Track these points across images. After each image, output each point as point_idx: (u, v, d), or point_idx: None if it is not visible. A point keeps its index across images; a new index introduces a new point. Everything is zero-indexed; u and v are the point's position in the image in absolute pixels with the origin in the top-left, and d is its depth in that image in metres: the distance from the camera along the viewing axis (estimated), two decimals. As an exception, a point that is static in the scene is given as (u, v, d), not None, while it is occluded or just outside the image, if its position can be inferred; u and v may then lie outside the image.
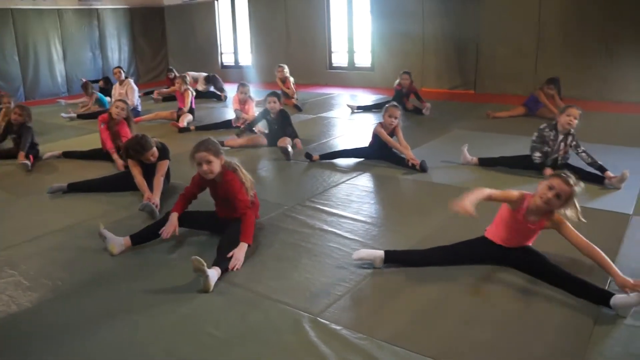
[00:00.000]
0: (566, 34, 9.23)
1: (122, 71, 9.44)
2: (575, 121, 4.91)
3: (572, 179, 3.07)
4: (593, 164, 4.86)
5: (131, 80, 9.26)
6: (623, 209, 4.23)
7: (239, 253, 3.42)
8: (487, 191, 3.16)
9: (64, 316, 2.93)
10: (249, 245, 3.53)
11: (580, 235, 3.07)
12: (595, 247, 2.99)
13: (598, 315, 2.77)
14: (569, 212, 3.11)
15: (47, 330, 2.80)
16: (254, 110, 7.58)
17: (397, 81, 8.61)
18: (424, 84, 10.65)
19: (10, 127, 6.37)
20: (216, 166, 3.63)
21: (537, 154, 5.05)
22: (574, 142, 4.95)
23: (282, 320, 2.81)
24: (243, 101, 7.61)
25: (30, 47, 11.46)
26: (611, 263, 2.94)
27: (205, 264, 3.10)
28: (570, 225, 3.10)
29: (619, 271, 2.88)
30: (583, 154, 4.89)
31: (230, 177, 3.68)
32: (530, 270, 3.18)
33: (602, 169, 4.81)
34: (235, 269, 3.35)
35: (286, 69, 9.76)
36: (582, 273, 3.07)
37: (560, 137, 4.98)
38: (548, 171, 4.84)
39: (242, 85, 7.68)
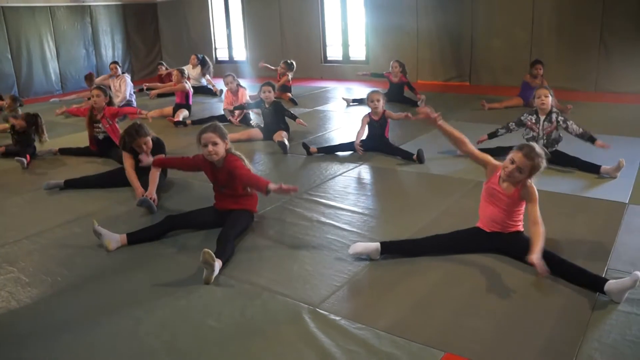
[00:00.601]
0: (560, 25, 9.24)
1: (117, 66, 9.40)
2: (547, 99, 4.99)
3: (535, 153, 3.14)
4: (583, 134, 4.92)
5: (127, 76, 9.24)
6: (619, 198, 4.25)
7: (276, 188, 3.39)
8: (467, 140, 3.42)
9: (64, 312, 2.94)
10: (231, 229, 3.62)
11: (537, 213, 3.11)
12: (539, 226, 3.03)
13: (595, 303, 2.79)
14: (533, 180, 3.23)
15: (48, 326, 2.80)
16: (248, 99, 7.61)
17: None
18: (419, 77, 10.66)
19: (13, 128, 6.30)
20: (221, 149, 3.71)
21: (502, 129, 5.33)
22: (561, 118, 4.99)
23: (282, 312, 2.83)
24: (235, 92, 7.56)
25: (23, 45, 11.39)
26: (538, 242, 2.95)
27: (215, 259, 3.13)
28: (536, 204, 3.16)
29: (536, 249, 2.90)
30: (574, 126, 4.94)
31: (235, 159, 3.75)
32: (525, 257, 3.19)
33: (592, 139, 4.90)
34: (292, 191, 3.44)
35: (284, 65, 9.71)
36: (577, 260, 3.08)
37: (542, 118, 5.05)
38: (482, 138, 5.36)
39: (227, 76, 7.59)
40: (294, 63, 9.68)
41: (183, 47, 13.90)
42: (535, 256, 2.86)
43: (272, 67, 10.03)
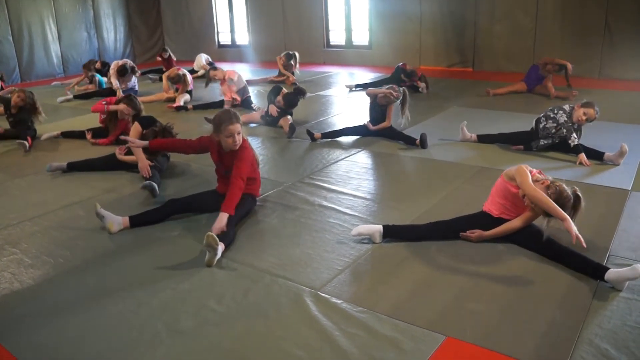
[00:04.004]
0: (565, 10, 9.17)
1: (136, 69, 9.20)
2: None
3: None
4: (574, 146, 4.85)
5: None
6: (622, 185, 4.25)
7: (218, 225, 3.32)
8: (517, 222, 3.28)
9: (67, 293, 2.95)
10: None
11: (529, 190, 3.09)
12: (537, 193, 3.04)
13: (596, 289, 2.79)
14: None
15: (50, 307, 2.82)
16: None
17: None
18: (422, 62, 10.61)
19: (9, 109, 6.27)
20: (241, 138, 3.70)
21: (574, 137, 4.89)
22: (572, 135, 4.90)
23: (284, 295, 2.83)
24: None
25: (25, 28, 11.32)
26: (550, 206, 2.99)
27: (218, 242, 3.13)
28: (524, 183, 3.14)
29: (560, 215, 2.96)
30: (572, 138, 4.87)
31: (247, 145, 3.75)
32: (528, 244, 3.21)
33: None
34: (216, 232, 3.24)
35: (283, 57, 9.68)
36: (579, 247, 3.08)
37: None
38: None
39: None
40: (296, 54, 9.65)
41: (185, 31, 13.83)
42: (567, 224, 2.92)
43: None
